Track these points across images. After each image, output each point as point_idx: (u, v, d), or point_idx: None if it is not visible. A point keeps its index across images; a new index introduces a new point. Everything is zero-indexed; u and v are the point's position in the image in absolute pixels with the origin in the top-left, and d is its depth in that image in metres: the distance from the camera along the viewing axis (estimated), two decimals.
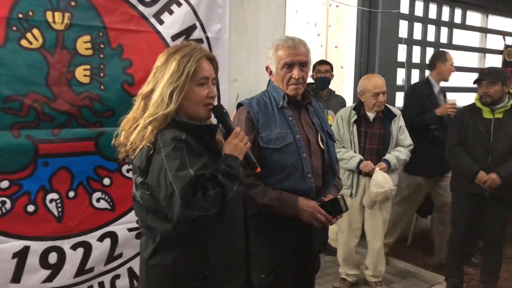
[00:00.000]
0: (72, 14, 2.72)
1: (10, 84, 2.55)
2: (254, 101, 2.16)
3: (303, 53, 2.15)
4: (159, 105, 1.58)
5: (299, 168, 2.06)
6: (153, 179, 1.53)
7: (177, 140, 1.53)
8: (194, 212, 1.45)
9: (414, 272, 4.01)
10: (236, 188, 1.57)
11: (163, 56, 1.68)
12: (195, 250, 1.61)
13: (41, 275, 2.76)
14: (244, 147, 1.70)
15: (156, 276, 1.62)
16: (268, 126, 2.08)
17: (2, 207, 2.61)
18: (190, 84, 1.63)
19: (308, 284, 2.29)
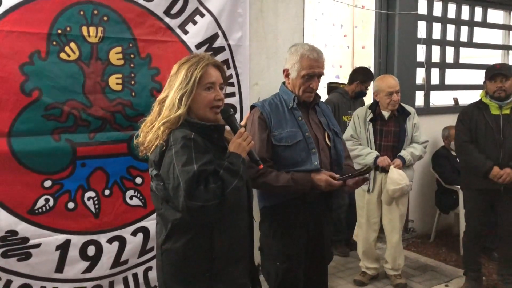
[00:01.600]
0: (105, 28, 2.99)
1: (51, 93, 2.83)
2: (266, 103, 2.36)
3: (323, 65, 2.33)
4: (171, 109, 1.79)
5: (309, 163, 2.23)
6: (164, 172, 1.74)
7: (186, 139, 1.73)
8: (196, 203, 1.65)
9: (434, 267, 4.10)
10: (236, 182, 1.75)
11: (176, 67, 1.90)
12: (202, 236, 1.81)
13: (81, 266, 3.02)
14: (247, 146, 1.88)
15: (169, 258, 1.83)
16: (279, 126, 2.27)
17: (46, 204, 2.89)
18: (197, 89, 1.83)
19: (321, 273, 2.46)
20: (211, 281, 1.82)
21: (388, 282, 3.74)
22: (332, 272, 3.99)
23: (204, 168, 1.70)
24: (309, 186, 2.21)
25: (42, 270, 2.89)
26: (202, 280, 1.81)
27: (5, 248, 2.76)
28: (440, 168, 4.72)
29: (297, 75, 2.31)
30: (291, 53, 2.34)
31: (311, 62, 2.28)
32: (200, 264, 1.81)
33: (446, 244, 4.73)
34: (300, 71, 2.29)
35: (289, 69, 2.35)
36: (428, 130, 4.79)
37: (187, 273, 1.82)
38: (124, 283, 3.20)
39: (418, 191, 4.95)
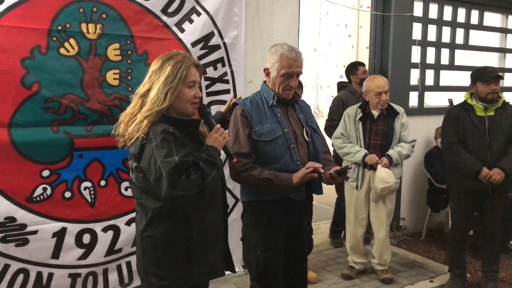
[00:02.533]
0: (103, 25, 3.11)
1: (50, 86, 2.96)
2: (248, 100, 2.47)
3: (301, 64, 2.43)
4: (155, 102, 1.90)
5: (288, 157, 2.35)
6: (145, 164, 1.85)
7: (166, 132, 1.85)
8: (179, 192, 1.77)
9: (422, 263, 4.20)
10: (214, 173, 1.88)
11: (158, 62, 2.00)
12: (180, 223, 1.93)
13: (76, 253, 3.16)
14: (222, 140, 2.01)
15: (149, 244, 1.95)
16: (260, 122, 2.38)
17: (44, 193, 3.02)
18: (181, 86, 1.95)
19: (301, 263, 2.57)
20: (189, 264, 1.93)
21: (375, 277, 3.84)
22: (322, 266, 4.11)
23: (184, 159, 1.81)
24: (288, 184, 2.31)
25: (39, 256, 3.03)
26: (181, 264, 1.93)
27: (3, 234, 2.90)
28: (432, 168, 4.80)
29: (277, 74, 2.41)
30: (271, 53, 2.44)
31: (290, 61, 2.38)
32: (178, 249, 1.93)
33: (436, 242, 4.82)
34: (279, 70, 2.39)
35: (269, 68, 2.45)
36: (422, 130, 4.90)
37: (166, 257, 1.93)
38: (117, 270, 3.33)
39: (410, 190, 5.05)
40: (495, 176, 3.42)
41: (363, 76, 4.37)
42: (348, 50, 9.02)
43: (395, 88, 4.65)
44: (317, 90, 9.20)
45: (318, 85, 9.16)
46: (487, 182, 3.46)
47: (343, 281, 3.80)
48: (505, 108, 3.55)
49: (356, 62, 4.65)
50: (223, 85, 3.61)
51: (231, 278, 3.68)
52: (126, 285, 3.37)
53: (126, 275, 3.37)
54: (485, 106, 3.53)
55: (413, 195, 5.08)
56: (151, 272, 1.95)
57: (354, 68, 4.52)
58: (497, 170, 3.44)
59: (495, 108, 3.53)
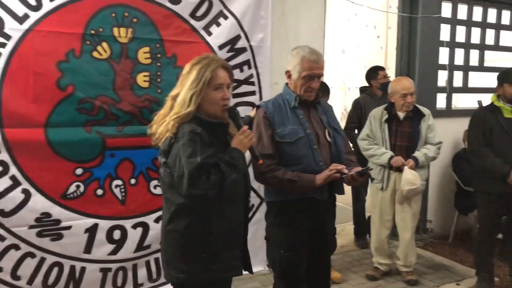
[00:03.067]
0: (134, 29, 3.23)
1: (84, 88, 3.09)
2: (270, 103, 2.53)
3: (322, 66, 2.48)
4: (182, 106, 1.98)
5: (311, 158, 2.39)
6: (172, 161, 1.94)
7: (193, 133, 1.92)
8: (197, 191, 1.85)
9: (448, 266, 4.17)
10: (235, 176, 1.94)
11: (188, 67, 2.09)
12: (201, 221, 1.99)
13: (107, 249, 3.28)
14: (248, 142, 2.06)
15: (171, 238, 2.03)
16: (282, 123, 2.43)
17: (77, 190, 3.16)
18: (207, 89, 2.01)
19: (324, 263, 2.61)
20: (207, 261, 2.00)
21: (399, 278, 3.85)
22: (347, 266, 4.13)
23: (206, 160, 1.88)
24: (312, 185, 2.36)
25: (72, 250, 3.17)
26: (199, 260, 2.00)
27: (40, 228, 3.05)
28: (460, 170, 4.76)
29: (298, 76, 2.46)
30: (293, 56, 2.50)
31: (311, 64, 2.43)
32: (198, 245, 2.00)
33: (464, 245, 4.77)
34: (301, 72, 2.45)
35: (291, 70, 2.51)
36: (450, 132, 4.86)
37: (186, 252, 2.01)
38: (146, 266, 3.44)
39: (437, 192, 5.01)
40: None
41: (384, 80, 4.40)
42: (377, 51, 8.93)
43: (422, 89, 4.63)
44: (345, 91, 9.18)
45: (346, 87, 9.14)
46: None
47: (367, 281, 3.82)
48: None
49: (376, 67, 4.67)
50: (249, 87, 3.68)
51: (257, 276, 3.75)
52: (154, 280, 3.48)
53: (155, 271, 3.47)
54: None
55: (440, 197, 5.04)
56: (171, 264, 2.04)
57: (374, 73, 4.55)
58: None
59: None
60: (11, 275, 3.01)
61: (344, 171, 2.35)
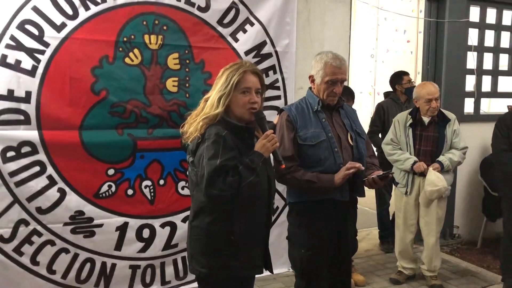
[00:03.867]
0: (164, 36, 3.37)
1: (116, 93, 3.26)
2: (293, 106, 2.60)
3: (345, 71, 2.54)
4: (211, 107, 2.08)
5: (332, 161, 2.45)
6: (197, 161, 2.04)
7: (218, 136, 2.01)
8: (214, 191, 1.94)
9: (475, 272, 4.12)
10: (252, 178, 2.01)
11: (221, 71, 2.19)
12: (223, 219, 2.07)
13: (136, 246, 3.43)
14: (271, 146, 2.12)
15: (195, 234, 2.13)
16: (305, 127, 2.50)
17: (109, 189, 3.32)
18: (234, 92, 2.10)
19: (345, 263, 2.66)
20: (228, 258, 2.09)
21: (424, 283, 3.83)
22: (370, 270, 4.15)
23: (225, 163, 1.97)
24: (330, 185, 2.42)
25: (104, 247, 3.33)
26: (221, 257, 2.09)
27: (74, 226, 3.22)
28: (488, 176, 4.70)
29: (321, 81, 2.53)
30: (316, 61, 2.57)
31: (334, 69, 2.49)
32: (220, 242, 2.09)
33: (493, 252, 4.69)
34: (324, 77, 2.51)
35: (314, 75, 2.58)
36: (477, 137, 4.81)
37: (208, 248, 2.10)
38: (173, 264, 3.57)
39: (464, 197, 4.96)
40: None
41: (408, 85, 4.42)
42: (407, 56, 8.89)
43: (449, 94, 4.61)
44: (374, 96, 9.16)
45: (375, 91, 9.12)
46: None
47: (391, 285, 3.83)
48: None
49: (400, 72, 4.68)
50: (274, 91, 3.77)
51: (280, 277, 3.82)
52: (181, 278, 3.60)
53: (181, 269, 3.59)
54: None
55: (468, 203, 4.99)
56: (195, 258, 2.13)
57: (398, 78, 4.57)
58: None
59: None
60: (47, 269, 3.19)
61: (361, 168, 2.40)
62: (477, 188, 4.94)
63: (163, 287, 3.54)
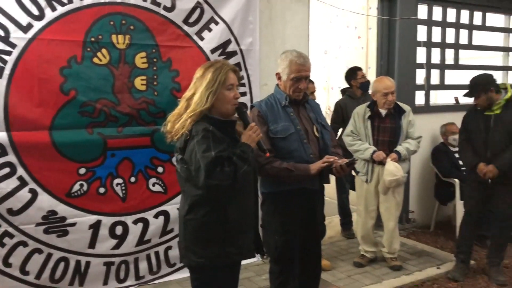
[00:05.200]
0: (131, 36, 3.43)
1: (85, 92, 3.29)
2: (263, 102, 2.76)
3: (308, 68, 2.71)
4: (198, 104, 2.17)
5: (302, 151, 2.62)
6: (188, 156, 2.14)
7: (206, 131, 2.12)
8: (213, 181, 2.05)
9: (430, 252, 4.43)
10: (246, 167, 2.14)
11: (201, 70, 2.29)
12: (217, 209, 2.19)
13: (110, 243, 3.48)
14: (256, 137, 2.27)
15: (190, 227, 2.23)
16: (275, 121, 2.66)
17: (81, 188, 3.35)
18: (221, 89, 2.23)
19: (315, 246, 2.84)
20: (224, 245, 2.20)
21: (385, 265, 4.09)
22: (335, 255, 4.37)
23: (220, 154, 2.09)
24: (306, 173, 2.59)
25: (77, 246, 3.36)
26: (217, 244, 2.20)
27: (46, 226, 3.23)
28: (438, 162, 5.04)
29: (287, 78, 2.69)
30: (282, 59, 2.73)
31: (299, 67, 2.66)
32: (216, 231, 2.20)
33: (445, 234, 5.04)
34: (289, 75, 2.68)
35: (281, 72, 2.74)
36: (428, 127, 5.14)
37: (205, 238, 2.20)
38: (147, 259, 3.64)
39: (418, 184, 5.29)
40: (487, 172, 3.70)
41: (362, 80, 4.68)
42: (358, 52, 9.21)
43: (402, 87, 4.90)
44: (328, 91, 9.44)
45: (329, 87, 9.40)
46: (483, 176, 3.73)
47: (355, 268, 4.05)
48: (511, 105, 3.73)
49: (354, 67, 4.92)
50: (240, 88, 3.88)
51: (251, 267, 3.96)
52: (155, 273, 3.68)
53: (155, 263, 3.67)
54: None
55: (421, 189, 5.32)
56: (191, 250, 2.22)
57: (353, 73, 4.81)
58: (491, 167, 3.70)
59: (500, 106, 3.74)
60: (20, 270, 3.19)
61: (337, 163, 2.57)
62: (429, 175, 5.27)
63: (138, 282, 3.61)
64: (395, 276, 3.89)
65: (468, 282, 3.84)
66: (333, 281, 3.77)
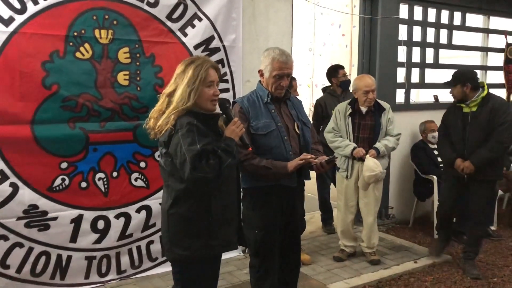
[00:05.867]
0: (114, 31, 3.44)
1: (68, 87, 3.29)
2: (245, 98, 2.79)
3: (291, 66, 2.75)
4: (180, 101, 2.20)
5: (282, 148, 2.66)
6: (172, 150, 2.17)
7: (190, 125, 2.15)
8: (199, 174, 2.09)
9: (408, 247, 4.53)
10: (230, 160, 2.20)
11: (182, 66, 2.31)
12: (201, 202, 2.24)
13: (92, 238, 3.50)
14: (239, 132, 2.32)
15: (174, 221, 2.26)
16: (256, 117, 2.69)
17: (62, 183, 3.35)
18: (201, 86, 2.25)
19: (295, 241, 2.89)
20: (208, 238, 2.25)
21: (364, 259, 4.17)
22: (315, 250, 4.44)
23: (205, 147, 2.13)
24: (284, 171, 2.63)
25: (59, 240, 3.37)
26: (201, 237, 2.24)
27: (28, 220, 3.24)
28: (417, 159, 5.14)
29: (269, 75, 2.73)
30: (264, 57, 2.77)
31: (281, 64, 2.70)
32: (199, 224, 2.24)
33: (423, 229, 5.15)
34: (272, 72, 2.72)
35: (263, 70, 2.78)
36: (408, 124, 5.25)
37: (189, 231, 2.24)
38: (129, 254, 3.67)
39: (398, 180, 5.39)
40: (464, 168, 3.83)
41: (343, 79, 4.75)
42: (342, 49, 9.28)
43: (383, 85, 4.98)
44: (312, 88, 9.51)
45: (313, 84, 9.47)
46: (460, 172, 3.86)
47: (334, 262, 4.13)
48: (486, 103, 3.82)
49: (336, 66, 4.98)
50: (223, 84, 3.93)
51: (232, 261, 4.01)
52: (136, 267, 3.70)
53: (137, 258, 3.70)
54: (466, 104, 3.88)
55: (401, 185, 5.42)
56: (175, 243, 2.25)
57: (334, 72, 4.87)
58: (467, 163, 3.82)
59: (476, 104, 3.84)
60: (0, 264, 3.19)
61: (312, 161, 2.63)
62: (408, 171, 5.38)
63: (119, 276, 3.63)
64: (374, 270, 3.97)
65: (443, 276, 3.94)
66: (313, 275, 3.84)
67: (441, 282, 3.83)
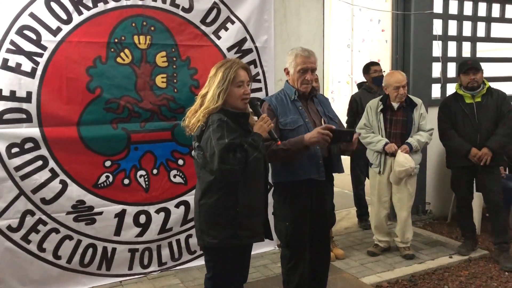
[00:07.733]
0: (152, 36, 3.64)
1: (110, 90, 3.53)
2: (273, 97, 2.93)
3: (314, 61, 2.87)
4: (211, 102, 2.38)
5: None
6: (204, 144, 2.34)
7: (221, 121, 2.32)
8: (226, 166, 2.24)
9: (444, 242, 4.51)
10: (256, 154, 2.33)
11: (214, 69, 2.48)
12: (229, 194, 2.39)
13: (134, 231, 3.73)
14: (267, 127, 2.45)
15: (204, 211, 2.43)
16: (284, 114, 2.82)
17: (107, 180, 3.59)
18: (231, 86, 2.41)
19: (324, 234, 2.99)
20: (235, 228, 2.40)
21: (397, 254, 4.20)
22: (350, 245, 4.50)
23: (232, 141, 2.28)
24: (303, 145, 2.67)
25: (104, 233, 3.61)
26: (229, 227, 2.39)
27: (76, 214, 3.50)
28: None
29: (294, 71, 2.86)
30: (289, 55, 2.91)
31: (304, 58, 2.83)
32: (227, 215, 2.39)
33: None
34: (296, 67, 2.85)
35: (288, 67, 2.91)
36: None
37: (217, 221, 2.40)
38: (169, 247, 3.87)
39: (435, 175, 5.35)
40: (483, 155, 3.92)
41: (375, 75, 4.80)
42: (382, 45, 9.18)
43: (417, 81, 4.98)
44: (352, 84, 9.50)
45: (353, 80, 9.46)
46: (477, 160, 3.95)
47: (368, 257, 4.18)
48: (490, 93, 4.03)
49: (369, 63, 5.04)
50: (256, 84, 4.07)
51: (267, 255, 4.15)
52: (176, 259, 3.90)
53: (176, 251, 3.90)
54: (472, 94, 4.00)
55: (438, 180, 5.38)
56: (205, 232, 2.42)
57: (367, 69, 4.95)
58: (485, 150, 3.93)
59: (481, 95, 4.00)
60: (53, 255, 3.46)
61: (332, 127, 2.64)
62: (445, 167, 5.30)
63: (160, 267, 3.84)
64: (407, 264, 4.00)
65: (479, 271, 3.92)
66: (346, 269, 3.91)
67: (477, 277, 3.81)
